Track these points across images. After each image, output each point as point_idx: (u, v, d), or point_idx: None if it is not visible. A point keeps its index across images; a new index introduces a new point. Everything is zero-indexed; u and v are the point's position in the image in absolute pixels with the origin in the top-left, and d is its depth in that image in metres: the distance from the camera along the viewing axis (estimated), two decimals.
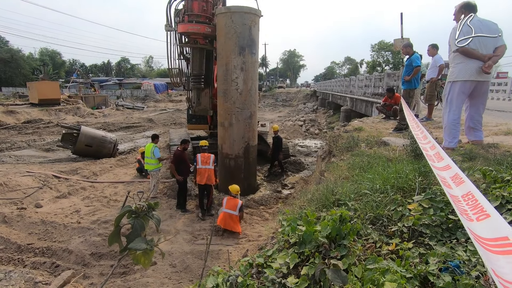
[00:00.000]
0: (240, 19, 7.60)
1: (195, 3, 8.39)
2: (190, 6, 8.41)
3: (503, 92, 19.57)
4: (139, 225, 1.18)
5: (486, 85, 3.91)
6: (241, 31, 7.64)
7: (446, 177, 1.57)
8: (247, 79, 7.96)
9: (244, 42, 7.73)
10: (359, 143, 5.49)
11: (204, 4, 8.51)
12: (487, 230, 1.01)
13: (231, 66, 7.83)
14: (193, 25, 8.39)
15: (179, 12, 9.08)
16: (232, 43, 7.70)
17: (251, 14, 7.75)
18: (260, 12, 8.08)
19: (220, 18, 7.91)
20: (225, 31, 7.73)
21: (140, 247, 1.14)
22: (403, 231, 2.05)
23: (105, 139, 12.03)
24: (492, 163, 2.89)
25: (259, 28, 8.10)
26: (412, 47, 6.82)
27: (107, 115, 26.29)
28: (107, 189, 8.46)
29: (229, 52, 7.78)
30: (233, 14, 7.61)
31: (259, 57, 8.62)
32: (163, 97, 43.46)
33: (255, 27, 7.87)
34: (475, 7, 3.72)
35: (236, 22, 7.59)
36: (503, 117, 7.37)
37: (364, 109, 15.92)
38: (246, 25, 7.68)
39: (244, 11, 7.66)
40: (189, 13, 8.39)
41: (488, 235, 0.98)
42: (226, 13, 7.73)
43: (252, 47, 7.91)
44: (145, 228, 1.20)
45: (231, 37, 7.69)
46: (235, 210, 5.96)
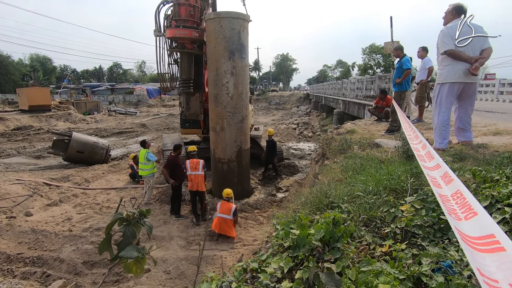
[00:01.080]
0: (229, 24, 7.65)
1: (182, 8, 8.41)
2: (177, 11, 8.44)
3: (491, 93, 19.99)
4: (131, 233, 1.17)
5: (474, 87, 3.98)
6: (230, 36, 7.69)
7: (437, 176, 1.59)
8: (237, 83, 8.00)
9: (234, 46, 7.77)
10: (352, 145, 5.53)
11: (192, 9, 8.54)
12: (475, 228, 1.02)
13: (221, 71, 7.86)
14: (180, 30, 8.42)
15: (168, 17, 9.10)
16: (222, 48, 7.74)
17: (239, 19, 7.81)
18: (249, 17, 8.14)
19: (209, 24, 7.95)
20: (214, 36, 7.77)
21: (131, 255, 1.12)
22: (396, 232, 2.06)
23: (97, 145, 11.89)
24: (481, 163, 2.94)
25: (248, 32, 8.16)
26: (403, 50, 6.94)
27: (99, 121, 26.02)
28: (100, 196, 8.35)
29: (219, 57, 7.82)
30: (222, 20, 7.65)
31: (251, 61, 8.67)
32: (156, 102, 43.24)
33: (244, 31, 7.92)
34: (466, 11, 3.79)
35: (225, 27, 7.64)
36: (491, 118, 7.51)
37: (357, 112, 16.08)
38: (235, 30, 7.72)
39: (233, 17, 7.71)
40: (177, 18, 8.42)
41: (475, 234, 0.99)
42: (215, 18, 7.77)
43: (242, 51, 7.95)
44: (136, 236, 1.19)
45: (220, 42, 7.72)
46: (229, 215, 5.93)
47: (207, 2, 9.87)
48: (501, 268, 0.83)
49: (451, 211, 1.20)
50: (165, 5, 9.38)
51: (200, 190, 6.90)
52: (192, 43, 9.04)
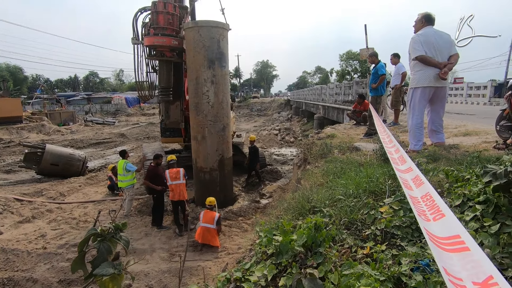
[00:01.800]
0: (208, 33, 7.65)
1: (161, 16, 8.35)
2: (155, 19, 8.37)
3: (460, 96, 21.10)
4: (106, 249, 1.12)
5: (444, 91, 4.20)
6: (209, 45, 7.69)
7: (408, 179, 1.65)
8: (218, 92, 7.98)
9: (213, 55, 7.77)
10: (332, 149, 5.63)
11: (170, 17, 8.49)
12: (442, 229, 1.06)
13: (201, 80, 7.82)
14: (159, 38, 8.35)
15: (146, 25, 9.01)
16: (201, 56, 7.72)
17: (219, 28, 7.83)
18: (228, 26, 8.19)
19: (188, 33, 7.92)
20: (194, 45, 7.74)
21: (107, 272, 1.07)
22: (376, 234, 2.11)
23: (73, 156, 11.43)
24: (453, 163, 3.07)
25: (227, 41, 8.18)
26: (377, 56, 7.20)
27: (75, 132, 25.07)
28: (76, 210, 7.99)
29: (198, 65, 7.79)
30: (201, 29, 7.65)
31: (231, 68, 8.70)
32: (135, 111, 42.28)
33: (223, 40, 7.95)
34: (434, 20, 4.02)
35: (204, 36, 7.63)
36: (461, 119, 7.92)
37: (336, 116, 16.44)
38: (214, 39, 7.73)
39: (212, 25, 7.73)
40: (155, 26, 8.35)
41: (443, 234, 1.03)
42: (194, 27, 7.75)
43: (222, 60, 7.96)
44: (112, 252, 1.14)
45: (200, 51, 7.70)
46: (212, 224, 5.84)
47: (186, 10, 9.86)
48: (465, 267, 0.86)
49: (421, 213, 1.24)
50: (143, 13, 9.29)
51: (182, 199, 6.77)
52: (171, 51, 8.98)
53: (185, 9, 9.82)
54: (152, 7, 8.50)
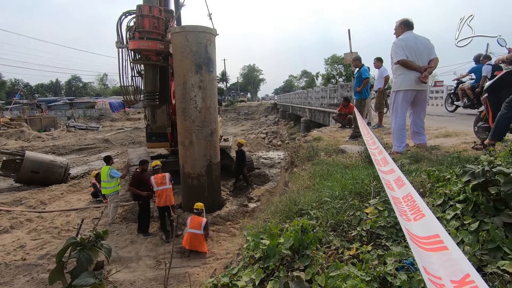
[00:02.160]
0: (195, 38, 7.62)
1: (146, 20, 8.26)
2: (141, 23, 8.27)
3: (440, 99, 21.78)
4: (86, 258, 1.08)
5: (424, 93, 4.33)
6: (197, 50, 7.65)
7: (390, 180, 1.68)
8: (205, 97, 7.94)
9: (201, 60, 7.74)
10: (318, 152, 5.68)
11: (156, 20, 8.41)
12: (422, 229, 1.08)
13: (188, 85, 7.76)
14: (145, 42, 8.25)
15: (130, 28, 8.89)
16: (189, 61, 7.67)
17: (206, 33, 7.81)
18: (216, 31, 8.18)
19: (175, 37, 7.86)
20: (181, 50, 7.69)
21: (87, 282, 1.03)
22: (362, 234, 2.13)
23: (55, 163, 11.07)
24: (435, 164, 3.16)
25: (215, 46, 8.17)
26: (361, 60, 7.36)
27: (57, 138, 24.32)
28: (58, 219, 7.72)
29: (186, 71, 7.73)
30: (188, 33, 7.61)
31: (218, 72, 8.68)
32: (120, 116, 41.47)
33: (211, 45, 7.93)
34: (412, 24, 4.17)
35: (191, 41, 7.59)
36: (442, 121, 8.16)
37: (322, 119, 16.66)
38: (201, 44, 7.70)
39: (199, 30, 7.70)
40: (140, 30, 8.25)
41: (423, 234, 1.06)
42: (181, 32, 7.70)
43: (210, 65, 7.93)
44: (92, 261, 1.10)
45: (187, 56, 7.65)
46: (199, 229, 5.77)
47: (171, 14, 9.80)
48: (443, 266, 0.88)
49: (402, 213, 1.27)
50: (127, 16, 9.16)
51: (169, 205, 6.67)
52: (157, 55, 8.88)
53: (170, 13, 9.76)
54: (137, 10, 8.39)
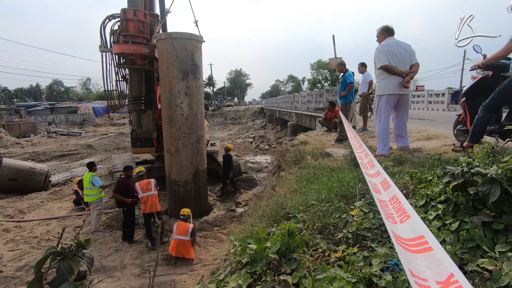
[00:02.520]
0: (181, 45, 7.59)
1: (131, 24, 8.16)
2: (125, 27, 8.16)
3: (422, 103, 22.51)
4: (66, 268, 1.04)
5: (407, 98, 4.47)
6: (183, 57, 7.62)
7: (377, 183, 1.71)
8: (192, 103, 7.89)
9: (187, 67, 7.70)
10: (305, 156, 5.74)
11: (141, 24, 8.33)
12: (408, 230, 1.10)
13: (175, 92, 7.70)
14: (129, 46, 8.15)
15: (115, 32, 8.76)
16: (175, 68, 7.62)
17: (192, 40, 7.80)
18: (202, 37, 8.18)
19: (160, 44, 7.80)
20: (167, 57, 7.63)
21: None
22: (348, 237, 2.16)
23: (34, 170, 10.67)
24: (417, 166, 3.25)
25: (201, 53, 8.17)
26: (345, 65, 7.52)
27: (37, 144, 23.48)
28: (38, 228, 7.42)
29: (172, 77, 7.68)
30: (174, 40, 7.57)
31: (205, 76, 8.66)
32: (103, 121, 40.51)
33: (197, 52, 7.92)
34: (393, 30, 4.31)
35: (177, 48, 7.56)
36: (423, 124, 8.43)
37: (309, 123, 16.84)
38: (188, 51, 7.68)
39: (185, 37, 7.68)
40: (125, 34, 8.14)
41: (408, 236, 1.07)
42: (167, 39, 7.66)
43: (196, 72, 7.91)
44: (74, 271, 1.06)
45: (173, 63, 7.60)
46: (186, 235, 5.68)
47: (157, 18, 9.72)
48: (429, 267, 0.90)
49: (388, 216, 1.29)
50: (111, 20, 9.03)
51: (154, 211, 6.54)
52: (142, 59, 8.78)
53: (156, 17, 9.68)
54: (122, 14, 8.28)
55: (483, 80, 3.80)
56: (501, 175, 1.73)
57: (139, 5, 8.88)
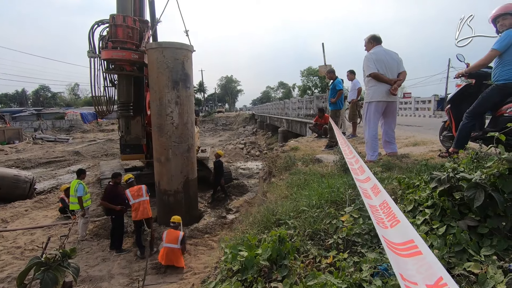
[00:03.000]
0: (172, 54, 7.59)
1: (120, 29, 8.13)
2: (114, 32, 8.12)
3: (409, 110, 23.01)
4: (50, 279, 1.01)
5: (394, 105, 4.57)
6: (173, 66, 7.61)
7: (367, 188, 1.73)
8: (182, 112, 7.87)
9: (178, 76, 7.69)
10: (296, 162, 5.76)
11: (130, 30, 8.30)
12: (398, 235, 1.12)
13: (165, 101, 7.66)
14: (118, 52, 8.10)
15: (104, 38, 8.70)
16: (165, 78, 7.60)
17: (183, 50, 7.81)
18: (192, 47, 8.21)
19: (151, 53, 7.78)
20: (157, 66, 7.61)
21: None
22: (338, 242, 2.17)
23: (19, 178, 10.37)
24: (405, 171, 3.30)
25: (192, 62, 8.19)
26: (335, 73, 7.64)
27: (22, 151, 22.85)
28: (21, 238, 7.18)
29: (162, 86, 7.64)
30: (165, 50, 7.56)
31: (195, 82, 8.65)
32: (92, 127, 39.82)
33: (188, 61, 7.93)
34: (380, 39, 4.42)
35: (168, 57, 7.55)
36: (410, 131, 8.60)
37: (299, 130, 16.97)
38: (178, 60, 7.68)
39: (176, 47, 7.68)
40: (114, 40, 8.09)
41: (399, 240, 1.09)
42: (157, 48, 7.64)
43: (187, 81, 7.91)
44: (58, 282, 1.03)
45: (163, 72, 7.58)
46: (176, 243, 5.59)
47: (146, 24, 9.70)
48: (419, 271, 0.91)
49: (379, 221, 1.31)
50: (100, 25, 8.97)
51: (146, 217, 6.43)
52: (131, 65, 8.73)
53: (145, 23, 9.66)
54: (111, 20, 8.25)
55: (466, 87, 3.92)
56: (484, 180, 1.77)
57: (129, 11, 8.85)
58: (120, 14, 8.32)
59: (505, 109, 3.25)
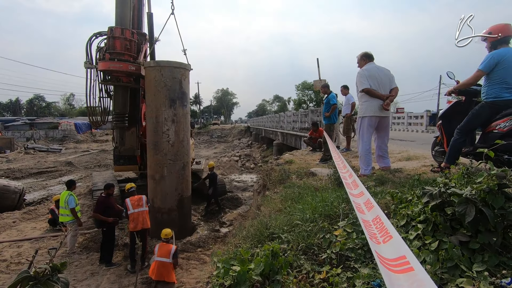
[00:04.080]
0: (170, 73, 7.68)
1: (118, 41, 8.24)
2: (112, 44, 8.22)
3: (402, 124, 23.35)
4: None
5: (387, 120, 4.65)
6: (171, 85, 7.68)
7: (361, 203, 1.74)
8: (178, 130, 7.89)
9: (175, 95, 7.75)
10: (290, 175, 5.77)
11: (128, 43, 8.42)
12: (391, 251, 1.13)
13: (161, 119, 7.69)
14: (115, 63, 8.18)
15: (101, 49, 8.79)
16: (163, 96, 7.66)
17: (181, 69, 7.91)
18: (190, 66, 8.34)
19: (149, 71, 7.86)
20: (155, 84, 7.67)
21: None
22: (332, 257, 2.15)
23: (8, 188, 10.16)
24: (398, 186, 3.33)
25: (189, 81, 8.30)
26: (329, 87, 7.79)
27: (13, 160, 22.48)
28: (8, 251, 6.97)
29: (159, 105, 7.69)
30: (163, 69, 7.65)
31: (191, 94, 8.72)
32: (85, 137, 39.53)
33: (185, 80, 8.03)
34: (372, 56, 4.55)
35: (166, 76, 7.63)
36: (403, 145, 8.71)
37: (294, 143, 17.04)
38: (176, 79, 7.77)
39: (174, 66, 7.78)
40: (111, 51, 8.18)
41: (391, 256, 1.10)
42: (155, 67, 7.73)
43: (183, 99, 7.98)
44: None
45: (161, 90, 7.64)
46: (168, 257, 5.47)
47: (144, 37, 9.83)
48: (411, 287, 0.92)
49: (372, 236, 1.31)
50: (98, 37, 9.07)
51: (145, 228, 6.35)
52: (128, 76, 8.79)
53: (143, 36, 9.79)
54: (109, 32, 8.37)
55: (457, 104, 4.03)
56: (475, 195, 1.80)
57: (127, 24, 8.99)
58: (119, 27, 8.44)
59: (494, 125, 3.33)
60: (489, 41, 3.37)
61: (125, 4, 8.94)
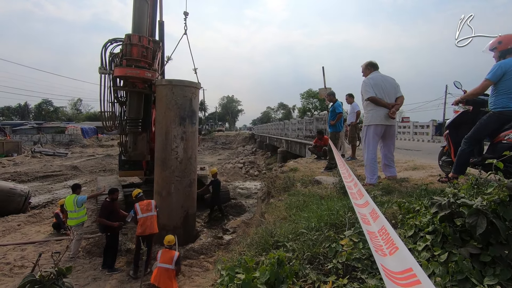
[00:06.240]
0: (181, 91, 7.80)
1: (135, 48, 8.41)
2: (129, 51, 8.39)
3: (408, 134, 23.20)
4: None
5: (393, 128, 4.62)
6: (182, 103, 7.80)
7: (366, 213, 1.72)
8: (187, 148, 7.96)
9: (185, 113, 7.86)
10: (295, 183, 5.74)
11: (144, 50, 8.59)
12: (397, 263, 1.10)
13: (171, 136, 7.78)
14: (132, 69, 8.33)
15: (116, 55, 8.95)
16: (173, 114, 7.77)
17: (192, 88, 8.03)
18: (200, 84, 8.51)
19: (160, 89, 8.00)
20: (166, 102, 7.79)
21: None
22: (338, 267, 2.12)
23: (14, 191, 10.23)
24: (405, 196, 3.29)
25: (199, 99, 8.47)
26: (335, 95, 7.78)
27: (19, 164, 22.72)
28: (11, 254, 6.98)
29: (169, 122, 7.78)
30: (174, 87, 7.78)
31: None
32: (91, 142, 39.88)
33: (195, 99, 8.18)
34: (377, 65, 4.56)
35: (177, 94, 7.75)
36: (409, 155, 8.63)
37: (299, 151, 17.00)
38: (187, 98, 7.89)
39: (185, 85, 7.91)
40: (128, 58, 8.33)
41: (397, 269, 1.07)
42: (167, 85, 7.86)
43: (193, 117, 8.09)
44: None
45: (171, 108, 7.75)
46: (171, 264, 5.42)
47: (158, 44, 9.98)
48: None
49: (378, 248, 1.29)
50: (113, 43, 9.25)
51: (154, 232, 6.35)
52: (143, 83, 8.95)
53: (157, 44, 9.95)
54: (126, 39, 8.57)
55: (464, 114, 3.99)
56: (486, 206, 1.77)
57: (144, 31, 9.23)
58: (136, 34, 8.64)
59: (503, 136, 3.29)
60: (498, 50, 3.35)
61: (142, 13, 9.19)
